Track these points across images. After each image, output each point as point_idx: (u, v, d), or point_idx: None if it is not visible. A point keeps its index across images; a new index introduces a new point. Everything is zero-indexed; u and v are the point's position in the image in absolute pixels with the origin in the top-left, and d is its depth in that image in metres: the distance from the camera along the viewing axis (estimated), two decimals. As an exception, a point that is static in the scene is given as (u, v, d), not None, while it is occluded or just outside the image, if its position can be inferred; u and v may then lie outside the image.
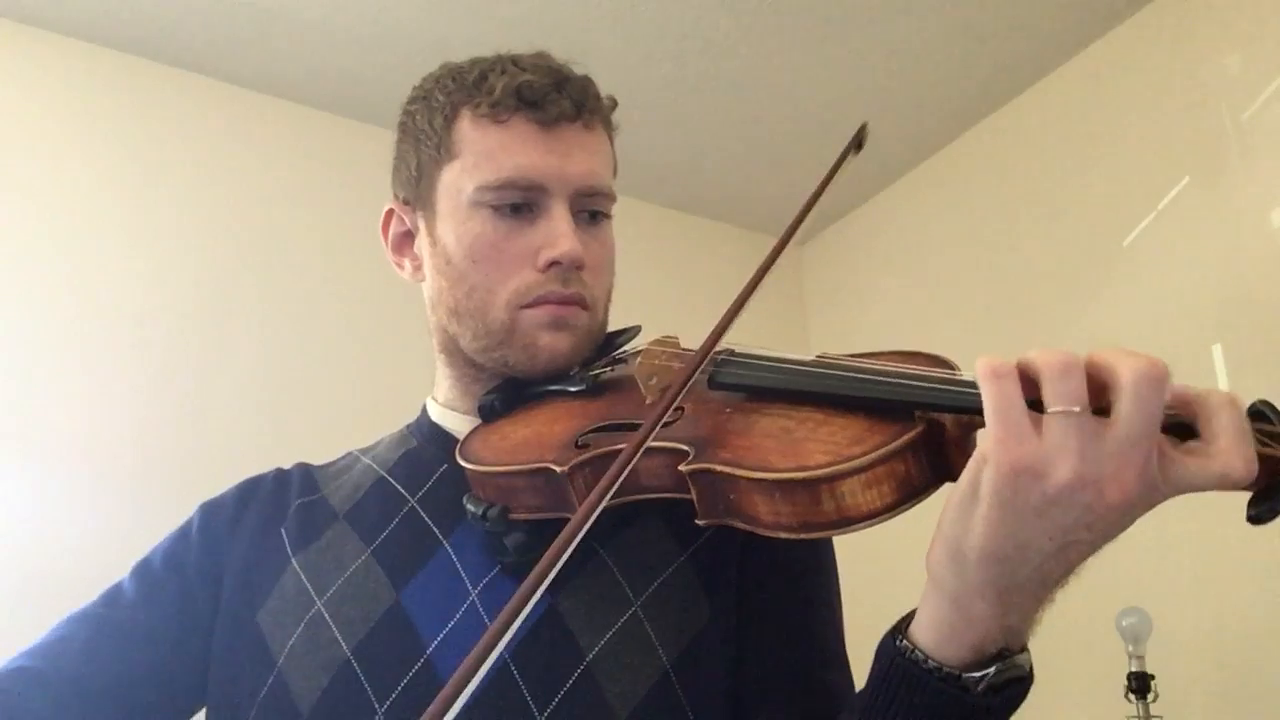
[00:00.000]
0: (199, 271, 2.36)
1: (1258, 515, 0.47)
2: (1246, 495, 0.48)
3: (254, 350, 2.37)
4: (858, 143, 0.76)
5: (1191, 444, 0.48)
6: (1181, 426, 0.48)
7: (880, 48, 2.43)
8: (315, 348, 2.44)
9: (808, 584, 0.80)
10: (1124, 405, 0.46)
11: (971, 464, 0.50)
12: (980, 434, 0.50)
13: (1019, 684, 0.55)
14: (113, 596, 0.79)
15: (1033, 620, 0.54)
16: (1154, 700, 1.78)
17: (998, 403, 0.48)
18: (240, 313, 2.38)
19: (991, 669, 0.53)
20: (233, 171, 2.48)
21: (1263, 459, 0.47)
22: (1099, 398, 0.48)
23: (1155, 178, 2.20)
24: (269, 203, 2.51)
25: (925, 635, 0.55)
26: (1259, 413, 0.50)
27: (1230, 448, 0.46)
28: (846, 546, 0.88)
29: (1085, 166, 2.39)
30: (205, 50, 2.41)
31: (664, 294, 2.49)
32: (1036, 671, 0.56)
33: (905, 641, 0.56)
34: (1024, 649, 0.55)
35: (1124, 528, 0.49)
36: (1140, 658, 1.81)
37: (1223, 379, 1.95)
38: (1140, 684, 1.79)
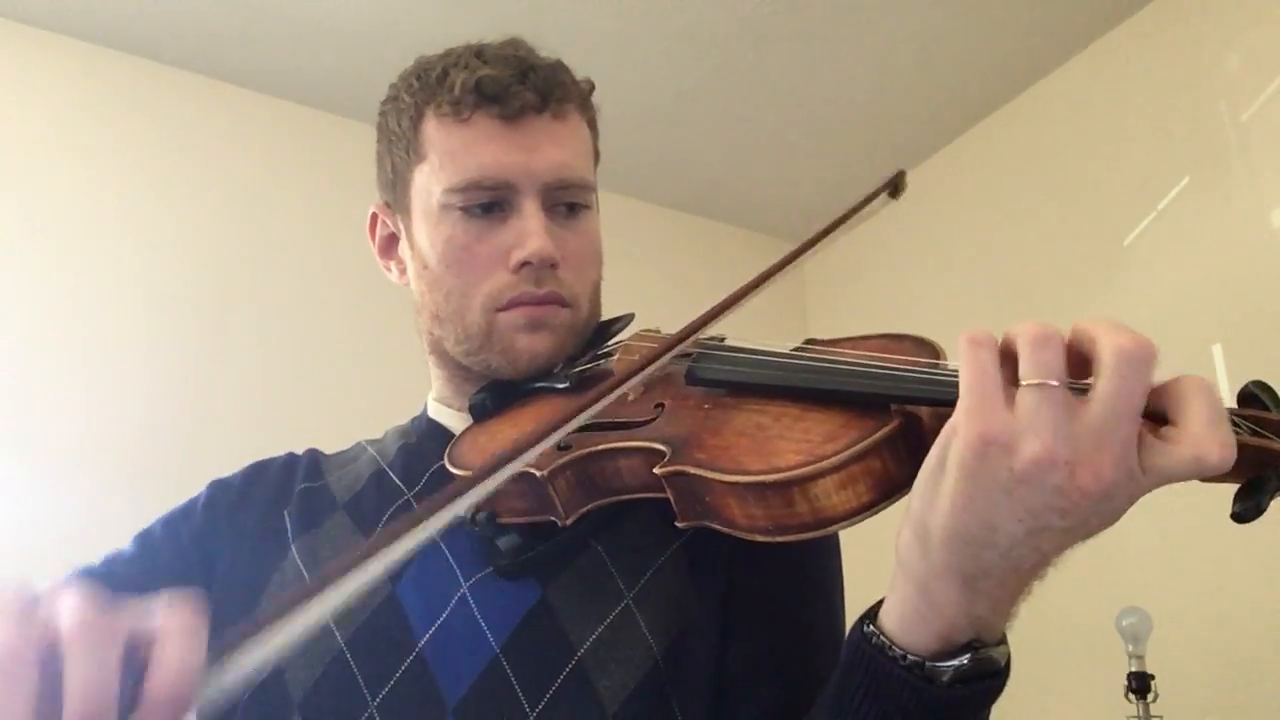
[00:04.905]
0: (198, 269, 2.36)
1: (1241, 513, 0.45)
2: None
3: (251, 347, 2.37)
4: (892, 187, 0.72)
5: (1166, 429, 0.45)
6: (1155, 413, 0.46)
7: (880, 48, 2.43)
8: (312, 344, 2.44)
9: (803, 571, 0.78)
10: (1103, 383, 0.44)
11: (941, 436, 0.48)
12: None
13: (992, 679, 0.52)
14: (112, 557, 0.80)
15: (1005, 612, 0.51)
16: (1154, 700, 1.78)
17: (971, 371, 0.46)
18: (238, 310, 2.38)
19: (960, 659, 0.51)
20: (231, 169, 2.48)
21: (1245, 448, 0.44)
22: (1082, 373, 0.46)
23: (1155, 178, 2.19)
24: (268, 201, 2.51)
25: (891, 621, 0.53)
26: (1251, 395, 0.48)
27: (1204, 431, 0.43)
28: (853, 540, 0.87)
29: (1085, 166, 2.39)
30: (204, 49, 2.41)
31: (666, 295, 2.48)
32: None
33: (872, 627, 0.54)
34: (1001, 642, 0.53)
35: (1105, 521, 0.46)
36: (1140, 658, 1.81)
37: (1223, 379, 1.95)
38: (1140, 684, 1.79)
